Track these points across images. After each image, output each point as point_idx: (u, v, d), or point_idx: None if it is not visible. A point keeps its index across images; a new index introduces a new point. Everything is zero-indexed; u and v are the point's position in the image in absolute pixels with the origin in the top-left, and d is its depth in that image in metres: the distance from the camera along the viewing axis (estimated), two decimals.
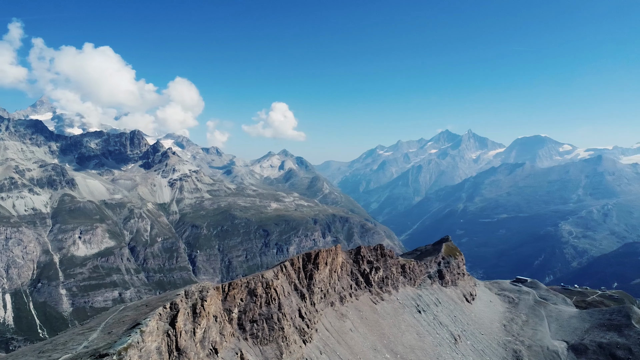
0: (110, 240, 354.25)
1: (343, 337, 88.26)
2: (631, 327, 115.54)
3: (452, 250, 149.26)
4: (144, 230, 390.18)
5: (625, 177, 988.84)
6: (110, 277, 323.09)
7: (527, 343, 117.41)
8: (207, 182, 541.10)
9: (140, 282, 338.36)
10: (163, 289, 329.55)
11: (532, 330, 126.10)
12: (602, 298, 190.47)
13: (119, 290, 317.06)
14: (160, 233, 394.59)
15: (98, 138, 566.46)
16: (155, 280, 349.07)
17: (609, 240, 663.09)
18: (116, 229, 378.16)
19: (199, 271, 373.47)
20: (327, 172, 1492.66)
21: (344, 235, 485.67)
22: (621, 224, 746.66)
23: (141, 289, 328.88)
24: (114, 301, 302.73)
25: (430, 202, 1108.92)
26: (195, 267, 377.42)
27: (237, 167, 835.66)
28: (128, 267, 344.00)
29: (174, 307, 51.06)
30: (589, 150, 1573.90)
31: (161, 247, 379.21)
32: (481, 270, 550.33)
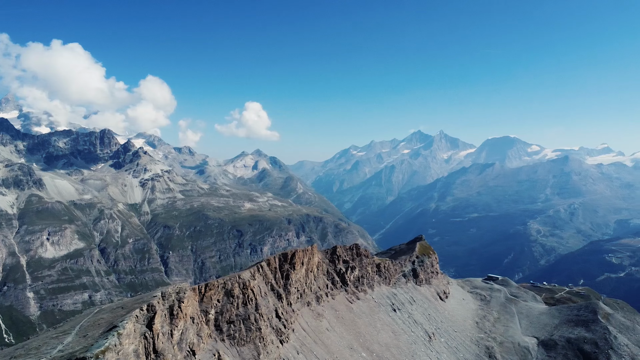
0: (79, 242, 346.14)
1: (320, 336, 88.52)
2: (597, 323, 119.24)
3: (426, 249, 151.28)
4: (115, 231, 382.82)
5: (591, 177, 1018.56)
6: (80, 279, 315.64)
7: (499, 339, 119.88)
8: (180, 182, 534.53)
9: (111, 284, 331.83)
10: (135, 291, 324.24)
11: (503, 327, 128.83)
12: (570, 295, 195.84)
13: (89, 292, 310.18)
14: (131, 234, 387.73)
15: (67, 137, 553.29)
16: (127, 282, 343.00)
17: (576, 239, 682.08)
18: (86, 230, 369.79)
19: (172, 272, 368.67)
20: (300, 172, 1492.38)
21: (318, 235, 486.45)
22: (587, 222, 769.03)
23: (112, 291, 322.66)
24: (83, 304, 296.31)
25: (403, 201, 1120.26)
26: (167, 268, 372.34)
27: (210, 167, 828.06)
28: (98, 269, 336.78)
29: (151, 308, 50.42)
30: (556, 151, 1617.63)
31: (132, 248, 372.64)
32: (453, 269, 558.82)
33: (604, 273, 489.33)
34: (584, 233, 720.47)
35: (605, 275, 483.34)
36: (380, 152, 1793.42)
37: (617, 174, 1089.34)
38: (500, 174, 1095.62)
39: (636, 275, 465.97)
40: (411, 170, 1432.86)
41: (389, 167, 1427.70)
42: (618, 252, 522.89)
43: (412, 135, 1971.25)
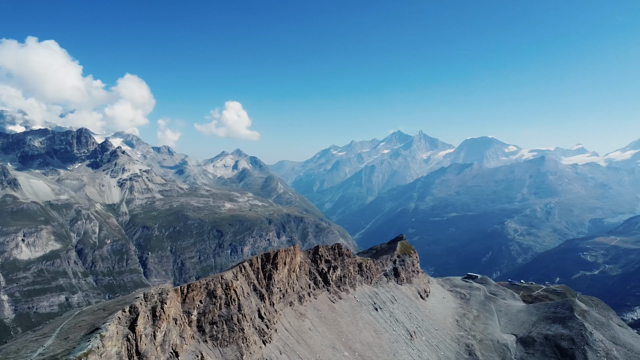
0: (56, 243, 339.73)
1: (302, 336, 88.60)
2: (574, 319, 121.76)
3: (407, 248, 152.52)
4: (92, 232, 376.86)
5: (566, 177, 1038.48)
6: (57, 281, 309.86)
7: (478, 337, 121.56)
8: (159, 182, 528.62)
9: (89, 286, 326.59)
10: (113, 293, 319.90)
11: (483, 324, 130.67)
12: (547, 292, 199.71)
13: (66, 294, 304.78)
14: (109, 235, 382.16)
15: (42, 136, 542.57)
16: (104, 283, 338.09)
17: (552, 237, 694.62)
18: (62, 231, 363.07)
19: (151, 273, 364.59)
20: (281, 172, 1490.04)
21: (299, 235, 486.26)
22: (562, 221, 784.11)
23: (89, 293, 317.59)
24: (60, 306, 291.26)
25: (382, 201, 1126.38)
26: (146, 269, 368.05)
27: (189, 167, 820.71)
28: (75, 270, 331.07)
29: (134, 310, 49.95)
30: (532, 151, 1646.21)
31: (110, 249, 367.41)
32: (432, 268, 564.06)
33: (579, 271, 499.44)
34: (559, 232, 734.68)
35: (580, 273, 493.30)
36: (361, 152, 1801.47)
37: (591, 174, 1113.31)
38: (479, 174, 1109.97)
39: (610, 272, 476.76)
40: (391, 170, 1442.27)
41: (369, 167, 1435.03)
42: (592, 251, 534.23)
43: (392, 135, 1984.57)
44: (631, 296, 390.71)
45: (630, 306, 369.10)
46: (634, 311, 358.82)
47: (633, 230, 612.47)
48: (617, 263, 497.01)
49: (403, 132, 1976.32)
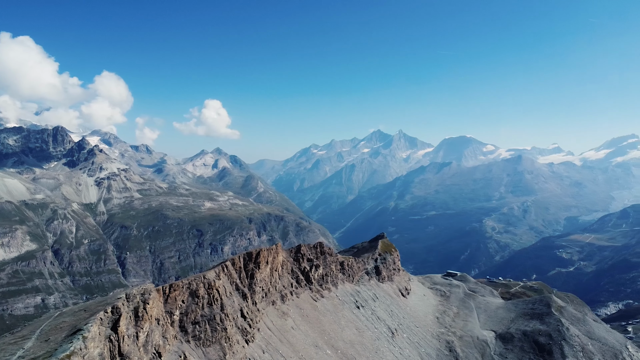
0: (31, 243, 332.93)
1: (285, 335, 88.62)
2: (551, 315, 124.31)
3: (388, 246, 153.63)
4: (69, 232, 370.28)
5: (542, 175, 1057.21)
6: (32, 282, 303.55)
7: (458, 334, 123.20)
8: (137, 181, 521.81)
9: (66, 287, 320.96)
10: (90, 293, 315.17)
11: (463, 321, 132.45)
12: (524, 289, 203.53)
13: (42, 295, 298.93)
14: (86, 235, 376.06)
15: (17, 134, 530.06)
16: (82, 284, 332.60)
17: (528, 235, 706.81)
18: (38, 231, 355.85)
19: (129, 274, 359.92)
20: (261, 170, 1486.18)
21: (280, 234, 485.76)
22: (539, 219, 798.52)
23: (66, 294, 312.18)
24: (36, 308, 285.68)
25: (363, 200, 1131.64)
26: (124, 269, 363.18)
27: (168, 166, 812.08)
28: (52, 271, 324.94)
29: (116, 311, 49.34)
30: (510, 151, 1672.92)
31: (88, 249, 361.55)
32: (412, 266, 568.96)
33: (555, 268, 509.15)
34: (536, 230, 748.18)
35: (556, 270, 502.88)
36: (341, 151, 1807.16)
37: (566, 172, 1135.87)
38: (457, 173, 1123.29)
39: (585, 269, 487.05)
40: (371, 169, 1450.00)
41: (350, 166, 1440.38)
42: (568, 248, 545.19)
43: (372, 134, 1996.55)
44: (605, 292, 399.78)
45: (604, 302, 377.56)
46: (607, 306, 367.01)
47: (606, 228, 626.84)
48: (591, 260, 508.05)
49: (383, 131, 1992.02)
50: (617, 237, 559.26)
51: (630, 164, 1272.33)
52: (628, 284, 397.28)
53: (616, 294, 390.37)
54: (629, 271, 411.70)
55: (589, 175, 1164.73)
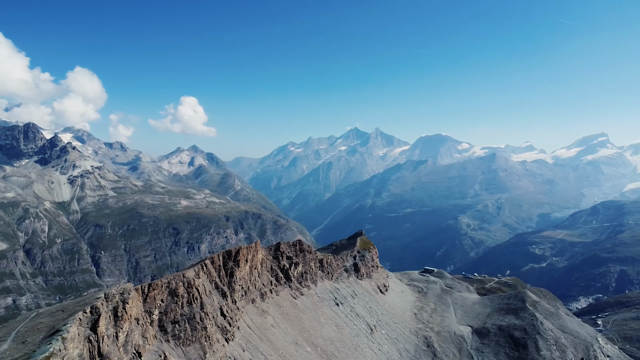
0: (1, 243, 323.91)
1: (265, 333, 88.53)
2: (526, 310, 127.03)
3: (366, 244, 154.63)
4: (41, 231, 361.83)
5: (516, 173, 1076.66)
6: (3, 282, 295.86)
7: (436, 329, 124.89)
8: (112, 179, 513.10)
9: (38, 287, 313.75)
10: (64, 294, 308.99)
11: (440, 317, 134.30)
12: (499, 285, 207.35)
13: (13, 296, 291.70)
14: (59, 234, 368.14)
15: None
16: (55, 284, 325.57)
17: (502, 232, 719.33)
18: (9, 230, 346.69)
19: (104, 273, 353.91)
20: (238, 168, 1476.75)
21: (257, 232, 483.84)
22: (512, 216, 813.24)
23: (39, 295, 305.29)
24: (7, 309, 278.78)
25: (340, 197, 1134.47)
26: (99, 269, 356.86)
27: (143, 163, 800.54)
28: (23, 271, 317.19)
29: (95, 311, 48.64)
30: (484, 149, 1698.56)
31: (61, 248, 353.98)
32: (388, 263, 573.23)
33: (528, 263, 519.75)
34: (509, 226, 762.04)
35: (529, 266, 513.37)
36: (318, 148, 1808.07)
37: (539, 170, 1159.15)
38: (433, 171, 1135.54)
39: (557, 265, 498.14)
40: (348, 166, 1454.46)
41: (327, 164, 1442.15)
42: (540, 244, 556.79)
43: (349, 132, 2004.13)
44: (576, 287, 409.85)
45: (575, 296, 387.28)
46: (579, 301, 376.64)
47: (577, 224, 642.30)
48: (563, 255, 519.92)
49: (360, 129, 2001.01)
50: (588, 233, 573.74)
51: (600, 162, 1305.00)
52: (598, 278, 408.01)
53: (587, 289, 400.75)
54: (598, 266, 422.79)
55: (560, 173, 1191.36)
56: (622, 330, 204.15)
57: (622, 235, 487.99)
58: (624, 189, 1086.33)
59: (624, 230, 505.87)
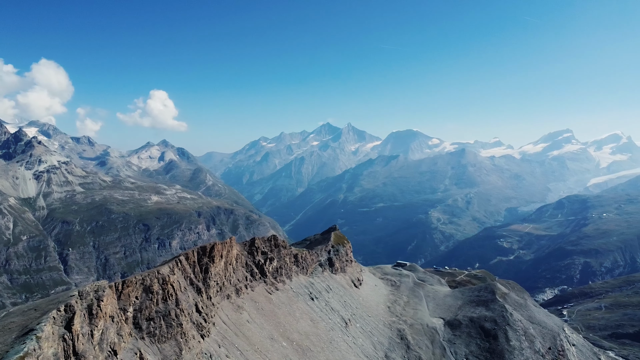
0: None
1: (240, 328, 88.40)
2: (496, 302, 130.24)
3: (340, 238, 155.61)
4: (6, 228, 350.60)
5: (485, 168, 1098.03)
6: None
7: (409, 322, 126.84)
8: (79, 174, 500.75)
9: (2, 286, 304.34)
10: (30, 292, 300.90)
11: (413, 310, 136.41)
12: (469, 277, 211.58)
13: None
14: (25, 231, 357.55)
15: None
16: (21, 282, 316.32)
17: (471, 226, 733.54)
18: None
19: (72, 271, 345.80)
20: (209, 163, 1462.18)
21: (229, 228, 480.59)
22: (481, 210, 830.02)
23: (3, 293, 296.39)
24: None
25: (312, 193, 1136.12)
26: (67, 266, 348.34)
27: (112, 158, 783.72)
28: None
29: (70, 309, 47.75)
30: (454, 144, 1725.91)
31: (26, 246, 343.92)
32: (361, 257, 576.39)
33: (496, 256, 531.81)
34: (478, 220, 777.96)
35: (497, 259, 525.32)
36: (290, 143, 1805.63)
37: (507, 165, 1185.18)
38: (404, 166, 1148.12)
39: (524, 257, 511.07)
40: (320, 161, 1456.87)
41: (299, 159, 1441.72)
42: (508, 237, 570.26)
43: (321, 127, 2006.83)
44: (542, 279, 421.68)
45: (542, 288, 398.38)
46: (545, 292, 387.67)
47: (543, 218, 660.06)
48: (529, 249, 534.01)
49: (332, 124, 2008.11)
50: (553, 227, 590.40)
51: (565, 158, 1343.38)
52: (563, 270, 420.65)
53: (552, 280, 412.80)
54: (564, 259, 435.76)
55: (527, 168, 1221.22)
56: (586, 320, 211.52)
57: (586, 228, 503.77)
58: (587, 183, 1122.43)
59: (588, 224, 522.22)
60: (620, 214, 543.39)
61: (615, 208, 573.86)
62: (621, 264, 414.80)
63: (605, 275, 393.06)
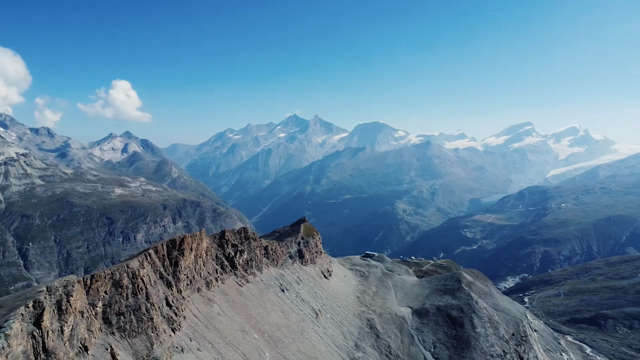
0: None
1: (211, 321, 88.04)
2: (462, 290, 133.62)
3: (310, 230, 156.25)
4: None
5: (449, 160, 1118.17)
6: None
7: (378, 311, 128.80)
8: (39, 166, 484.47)
9: None
10: None
11: (381, 299, 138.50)
12: (435, 267, 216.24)
13: None
14: None
15: None
16: None
17: (436, 216, 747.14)
18: None
19: (32, 266, 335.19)
20: (174, 155, 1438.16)
21: (196, 220, 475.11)
22: (445, 201, 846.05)
23: None
24: None
25: (279, 185, 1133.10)
26: (27, 261, 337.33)
27: (73, 150, 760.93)
28: None
29: (38, 305, 46.65)
30: (419, 136, 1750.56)
31: None
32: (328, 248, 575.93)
33: (460, 246, 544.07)
34: (443, 211, 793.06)
35: (461, 248, 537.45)
36: (257, 135, 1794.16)
37: (470, 157, 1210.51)
38: (371, 158, 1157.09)
39: (486, 247, 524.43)
40: (287, 153, 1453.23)
41: (266, 151, 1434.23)
42: (471, 228, 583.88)
43: (288, 119, 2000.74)
44: (504, 267, 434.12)
45: (504, 276, 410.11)
46: (507, 280, 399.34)
47: (505, 208, 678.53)
48: (492, 238, 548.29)
49: (299, 116, 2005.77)
50: (515, 217, 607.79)
51: (525, 150, 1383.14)
52: (524, 259, 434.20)
53: (514, 269, 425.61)
54: (524, 248, 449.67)
55: (490, 160, 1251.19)
56: (546, 306, 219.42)
57: (545, 218, 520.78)
58: (547, 175, 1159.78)
59: (547, 214, 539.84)
60: (577, 204, 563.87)
61: (573, 198, 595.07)
62: (578, 252, 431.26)
63: (563, 264, 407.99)
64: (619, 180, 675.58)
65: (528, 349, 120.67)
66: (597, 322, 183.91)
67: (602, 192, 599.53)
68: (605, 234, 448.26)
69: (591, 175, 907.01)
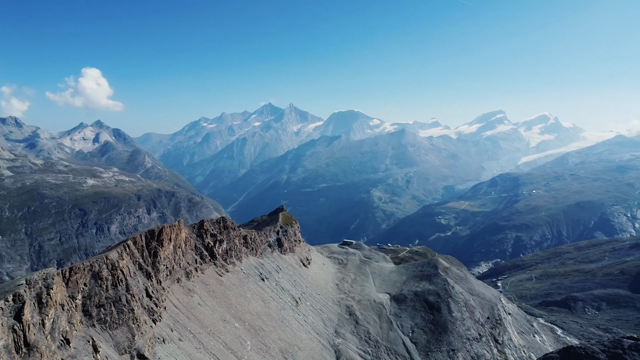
0: None
1: (192, 312, 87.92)
2: (438, 276, 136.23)
3: (288, 219, 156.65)
4: None
5: (423, 148, 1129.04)
6: None
7: (357, 298, 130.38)
8: (7, 157, 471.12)
9: None
10: None
11: (360, 286, 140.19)
12: (411, 254, 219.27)
13: None
14: None
15: None
16: None
17: (411, 204, 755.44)
18: None
19: (3, 259, 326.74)
20: (147, 145, 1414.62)
21: (171, 211, 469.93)
22: (420, 189, 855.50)
23: None
24: None
25: (255, 174, 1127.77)
26: None
27: (42, 140, 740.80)
28: None
29: (18, 298, 45.90)
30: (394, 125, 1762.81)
31: None
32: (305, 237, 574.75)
33: (435, 233, 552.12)
34: (418, 198, 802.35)
35: (436, 235, 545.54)
36: (232, 124, 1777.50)
37: (444, 145, 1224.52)
38: (346, 146, 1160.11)
39: (460, 233, 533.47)
40: (263, 142, 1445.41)
41: (241, 140, 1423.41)
42: (446, 214, 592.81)
43: (263, 107, 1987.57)
44: (477, 253, 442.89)
45: (477, 261, 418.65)
46: (480, 265, 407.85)
47: (478, 195, 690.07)
48: (465, 225, 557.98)
49: (274, 105, 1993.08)
50: (487, 204, 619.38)
51: (498, 137, 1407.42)
52: (497, 244, 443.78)
53: (487, 254, 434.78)
54: (497, 234, 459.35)
55: (463, 147, 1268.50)
56: (519, 290, 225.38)
57: (517, 204, 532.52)
58: (518, 162, 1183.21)
59: (519, 200, 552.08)
60: (548, 190, 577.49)
61: (544, 185, 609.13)
62: (549, 237, 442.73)
63: (535, 248, 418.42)
64: (587, 167, 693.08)
65: (502, 331, 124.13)
66: (567, 304, 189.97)
67: (571, 178, 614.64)
68: (574, 219, 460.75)
69: (561, 162, 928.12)
